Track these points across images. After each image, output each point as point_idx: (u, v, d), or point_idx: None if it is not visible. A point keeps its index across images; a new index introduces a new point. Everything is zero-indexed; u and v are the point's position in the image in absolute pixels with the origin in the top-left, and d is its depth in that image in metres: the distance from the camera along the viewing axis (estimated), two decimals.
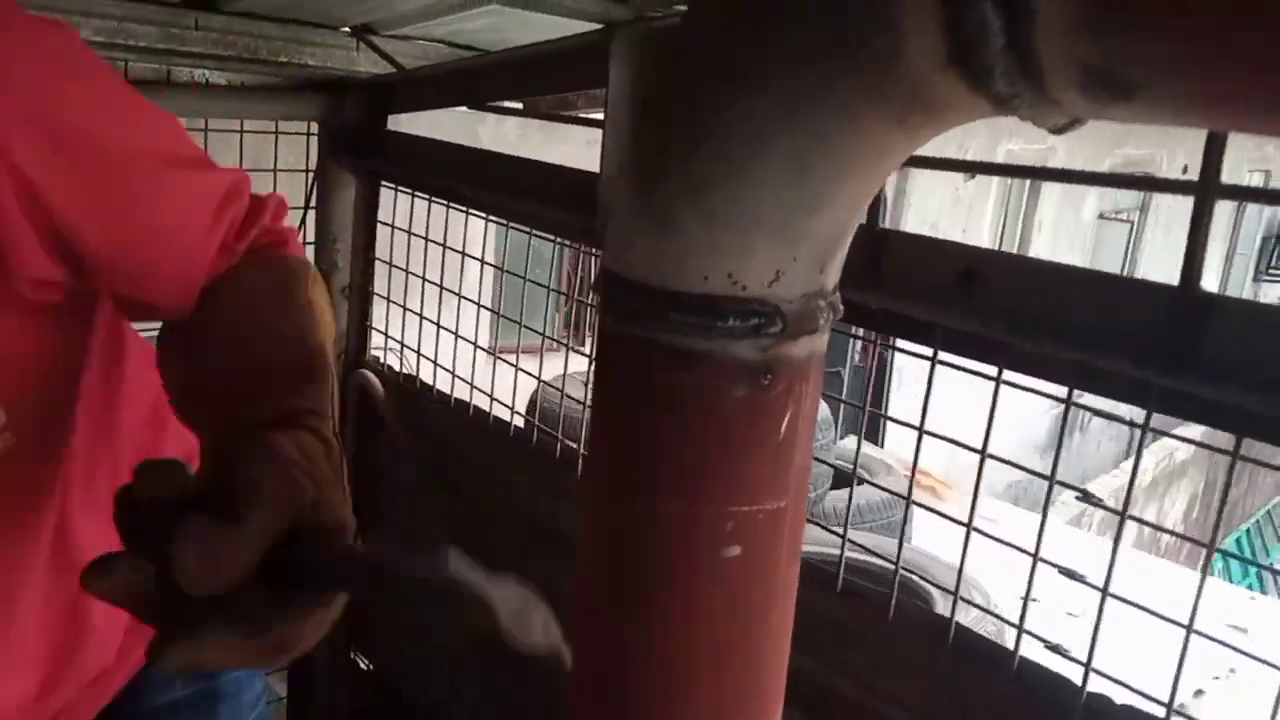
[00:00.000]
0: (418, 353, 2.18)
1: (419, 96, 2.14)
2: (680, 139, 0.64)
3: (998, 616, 1.09)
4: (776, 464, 0.72)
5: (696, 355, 0.68)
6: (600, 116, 1.48)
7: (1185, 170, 12.51)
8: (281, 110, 2.30)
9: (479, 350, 2.05)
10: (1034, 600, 1.08)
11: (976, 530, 1.18)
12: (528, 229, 1.77)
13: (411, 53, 2.28)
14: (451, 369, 2.07)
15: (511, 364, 1.92)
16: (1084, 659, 1.04)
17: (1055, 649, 1.05)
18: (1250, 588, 8.43)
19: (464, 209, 1.95)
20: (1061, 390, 1.07)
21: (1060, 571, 1.05)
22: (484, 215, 1.91)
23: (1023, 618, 1.08)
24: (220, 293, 0.93)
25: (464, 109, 2.19)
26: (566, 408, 1.81)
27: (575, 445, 1.75)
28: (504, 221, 1.84)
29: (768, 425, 0.70)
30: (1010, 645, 1.14)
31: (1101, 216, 11.94)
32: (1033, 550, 1.09)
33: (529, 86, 1.78)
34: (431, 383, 2.15)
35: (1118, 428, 12.38)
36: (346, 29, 2.22)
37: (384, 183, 2.27)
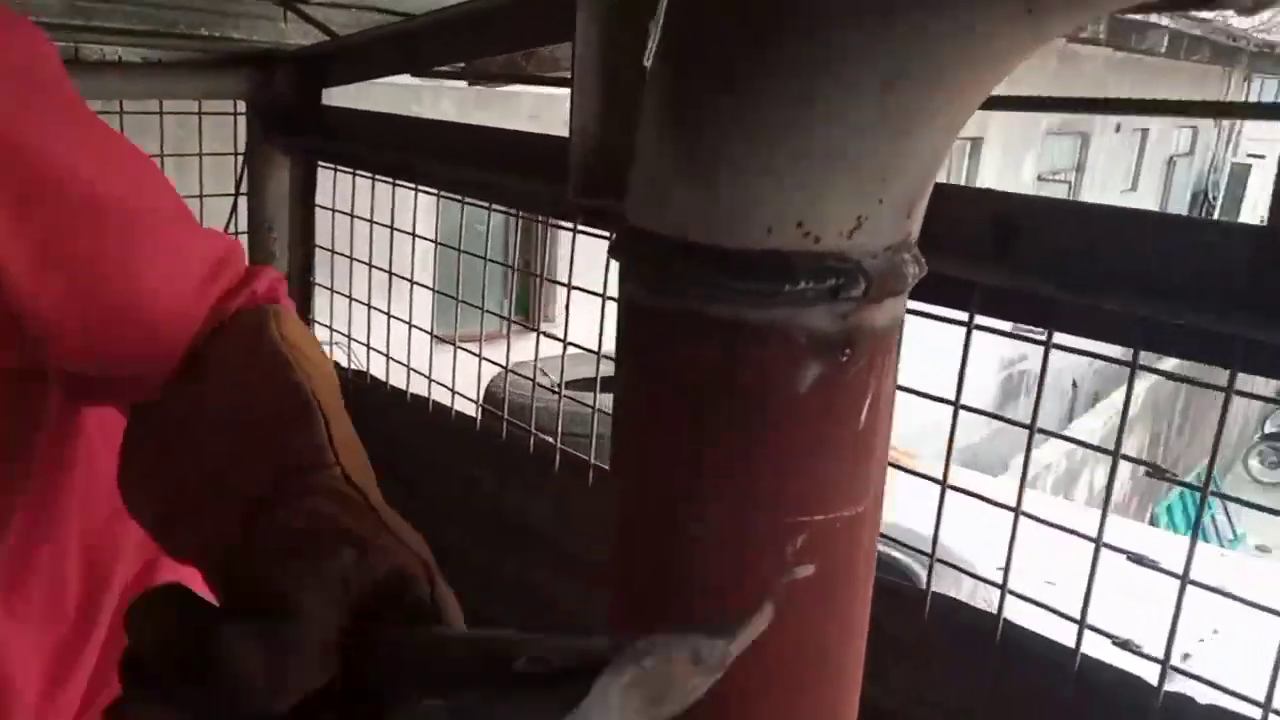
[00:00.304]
0: (367, 346, 2.01)
1: (356, 67, 1.96)
2: (737, 56, 0.50)
3: (1022, 597, 0.97)
4: (857, 458, 0.58)
5: (757, 329, 0.54)
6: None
7: (1119, 128, 12.66)
8: (204, 88, 2.11)
9: (434, 339, 1.89)
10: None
11: (982, 498, 1.07)
12: (486, 204, 1.61)
13: (345, 21, 2.10)
14: (406, 362, 1.91)
15: (469, 351, 1.77)
16: (1153, 654, 0.93)
17: (1125, 645, 0.93)
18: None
19: (411, 186, 1.78)
20: (1116, 351, 0.95)
21: (1130, 558, 0.93)
22: (434, 191, 1.75)
23: (1084, 612, 0.96)
24: (203, 368, 0.74)
25: (397, 86, 2.02)
26: (534, 395, 1.66)
27: (549, 439, 1.61)
28: (458, 198, 1.68)
29: (846, 411, 0.56)
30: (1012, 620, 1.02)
31: (1040, 178, 12.01)
32: (1018, 511, 0.98)
33: (481, 45, 1.62)
34: (384, 378, 1.99)
35: (1062, 387, 12.51)
36: None
37: (321, 163, 2.09)
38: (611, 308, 1.45)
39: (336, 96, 2.11)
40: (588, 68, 1.31)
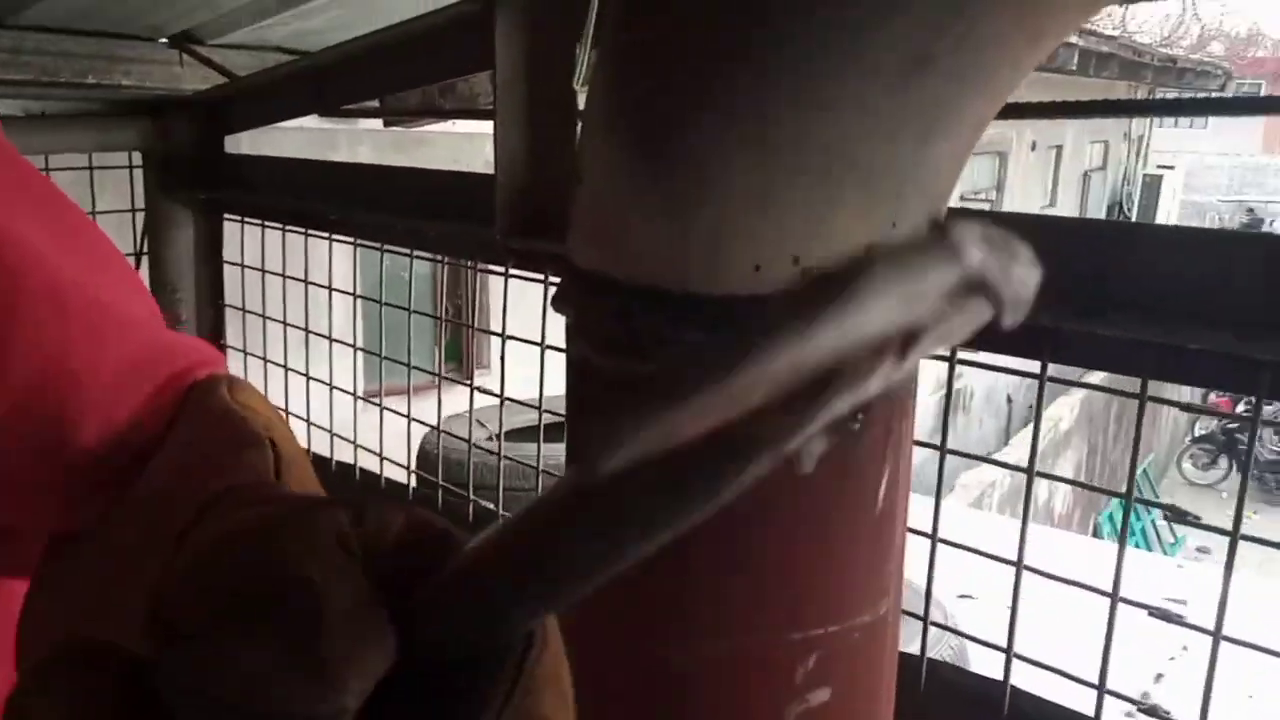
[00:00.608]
0: (285, 411, 1.85)
1: (259, 110, 1.82)
2: (718, 57, 0.38)
3: (1030, 661, 0.87)
4: (875, 550, 0.46)
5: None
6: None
7: (1034, 146, 12.90)
8: (95, 141, 1.95)
9: (358, 400, 1.74)
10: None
11: (982, 553, 0.96)
12: (408, 251, 1.48)
13: (246, 63, 1.96)
14: (329, 426, 1.75)
15: (398, 413, 1.63)
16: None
17: (1152, 712, 0.82)
18: (1136, 546, 8.60)
19: (326, 236, 1.64)
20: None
21: (1151, 614, 0.83)
22: (351, 240, 1.61)
23: (1103, 675, 0.85)
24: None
25: (310, 130, 1.88)
26: (470, 453, 1.52)
27: (490, 505, 1.47)
28: (377, 245, 1.54)
29: (860, 492, 0.44)
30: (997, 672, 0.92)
31: (962, 198, 12.18)
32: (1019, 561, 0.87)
33: (393, 79, 1.49)
34: (306, 445, 1.83)
35: (997, 404, 12.62)
36: (164, 39, 1.89)
37: (227, 216, 1.94)
38: (554, 356, 1.33)
39: (244, 145, 1.96)
40: (511, 96, 1.19)
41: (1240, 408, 9.15)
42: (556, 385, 1.39)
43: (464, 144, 4.23)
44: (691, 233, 0.40)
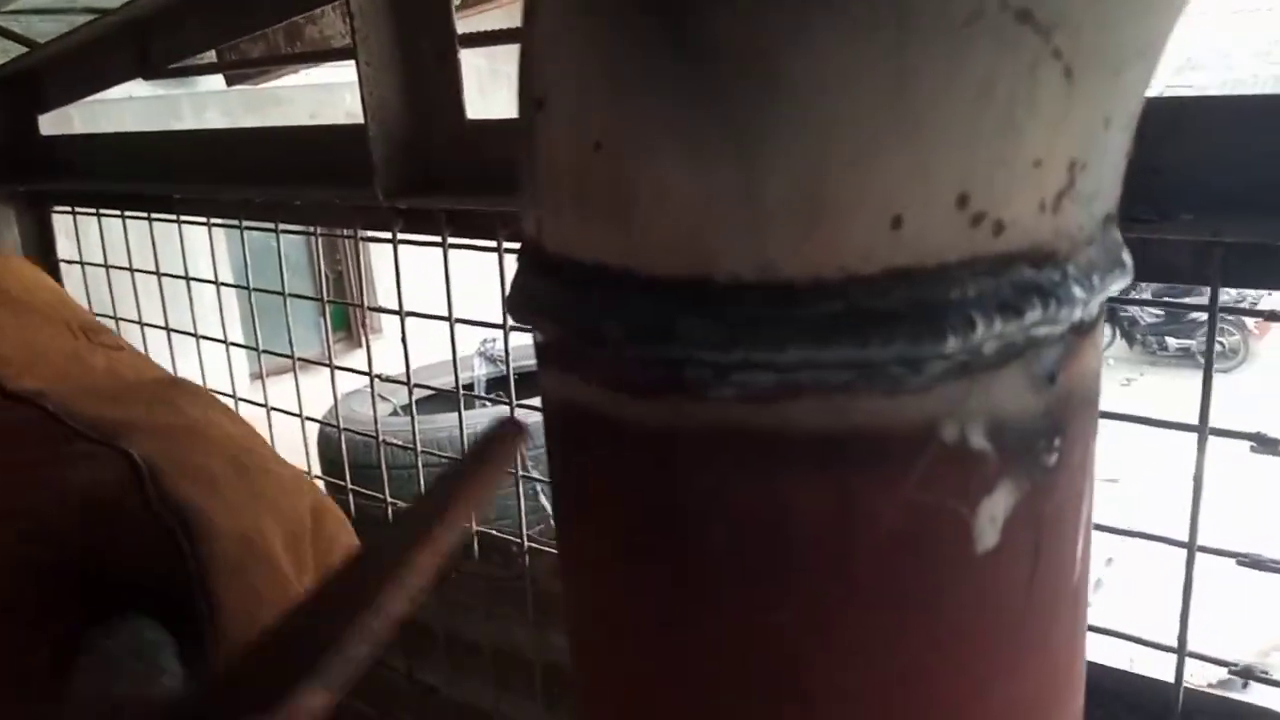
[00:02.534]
0: None
1: (74, 81, 1.55)
2: None
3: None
4: (1075, 631, 0.30)
5: (879, 444, 0.24)
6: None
7: None
8: None
9: (239, 402, 1.52)
10: None
11: None
12: (271, 225, 1.26)
13: (50, 29, 1.68)
14: None
15: (288, 412, 1.41)
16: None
17: (1246, 673, 0.70)
18: None
19: (173, 218, 1.40)
20: None
21: (1241, 562, 0.69)
22: (204, 221, 1.37)
23: (1183, 637, 0.72)
24: None
25: (146, 100, 1.62)
26: (382, 455, 1.33)
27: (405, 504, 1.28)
28: (235, 223, 1.31)
29: (1058, 557, 0.28)
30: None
31: None
32: None
33: (226, 26, 1.25)
34: None
35: None
36: None
37: (56, 208, 1.67)
38: (473, 304, 1.14)
39: (77, 125, 1.69)
40: (372, 28, 0.98)
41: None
42: (447, 349, 1.20)
43: (322, 96, 3.90)
44: (772, 176, 0.22)
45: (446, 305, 1.11)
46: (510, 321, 1.08)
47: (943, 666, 0.26)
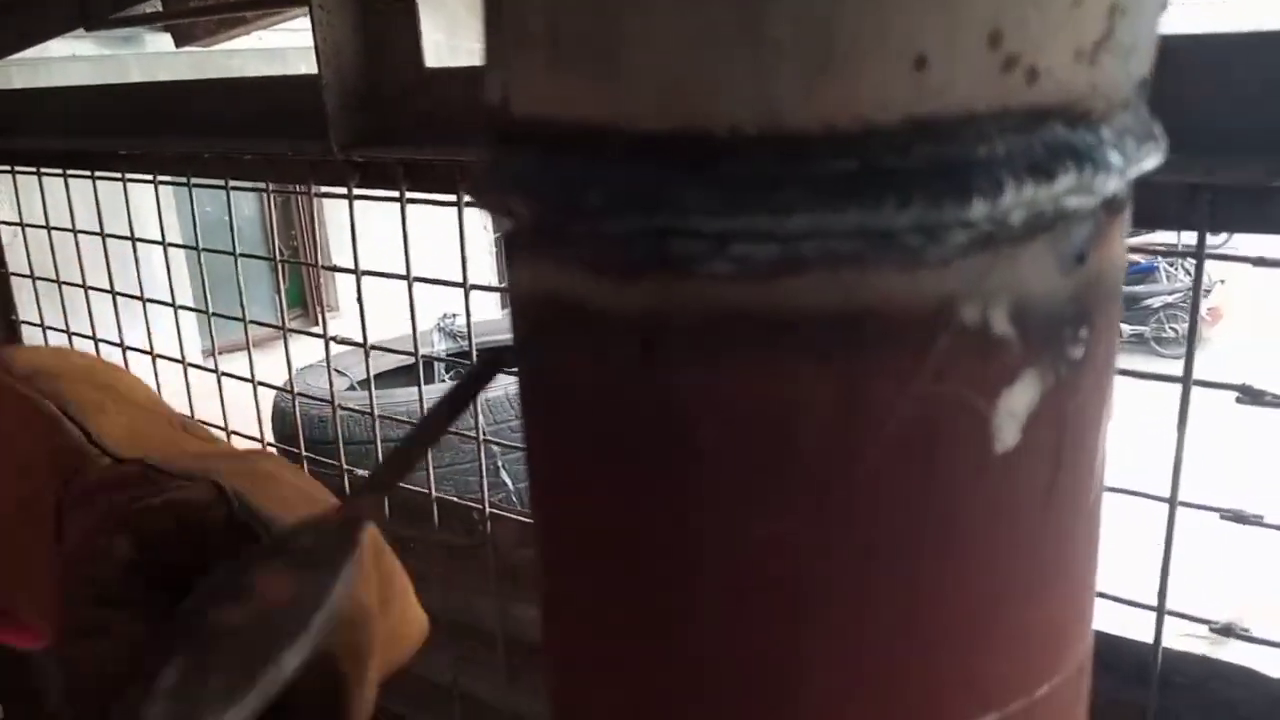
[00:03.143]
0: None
1: (15, 31, 1.48)
2: None
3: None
4: (1091, 553, 0.27)
5: (892, 326, 0.21)
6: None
7: None
8: None
9: (189, 368, 1.47)
10: None
11: None
12: (220, 182, 1.21)
13: None
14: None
15: (240, 378, 1.37)
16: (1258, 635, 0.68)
17: (1227, 631, 0.68)
18: None
19: (118, 176, 1.35)
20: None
21: (1225, 516, 0.68)
22: (150, 178, 1.32)
23: (1162, 596, 0.71)
24: None
25: (95, 63, 1.56)
26: (341, 430, 1.29)
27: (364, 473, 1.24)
28: (183, 180, 1.26)
29: (1080, 465, 0.25)
30: None
31: None
32: None
33: None
34: None
35: None
36: None
37: None
38: (398, 290, 1.10)
39: (4, 81, 1.62)
40: None
41: None
42: (405, 325, 1.16)
43: (274, 61, 3.81)
44: (777, 7, 0.19)
45: (405, 265, 1.07)
46: (470, 282, 1.05)
47: (955, 580, 0.24)
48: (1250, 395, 0.63)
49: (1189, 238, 0.68)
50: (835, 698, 0.25)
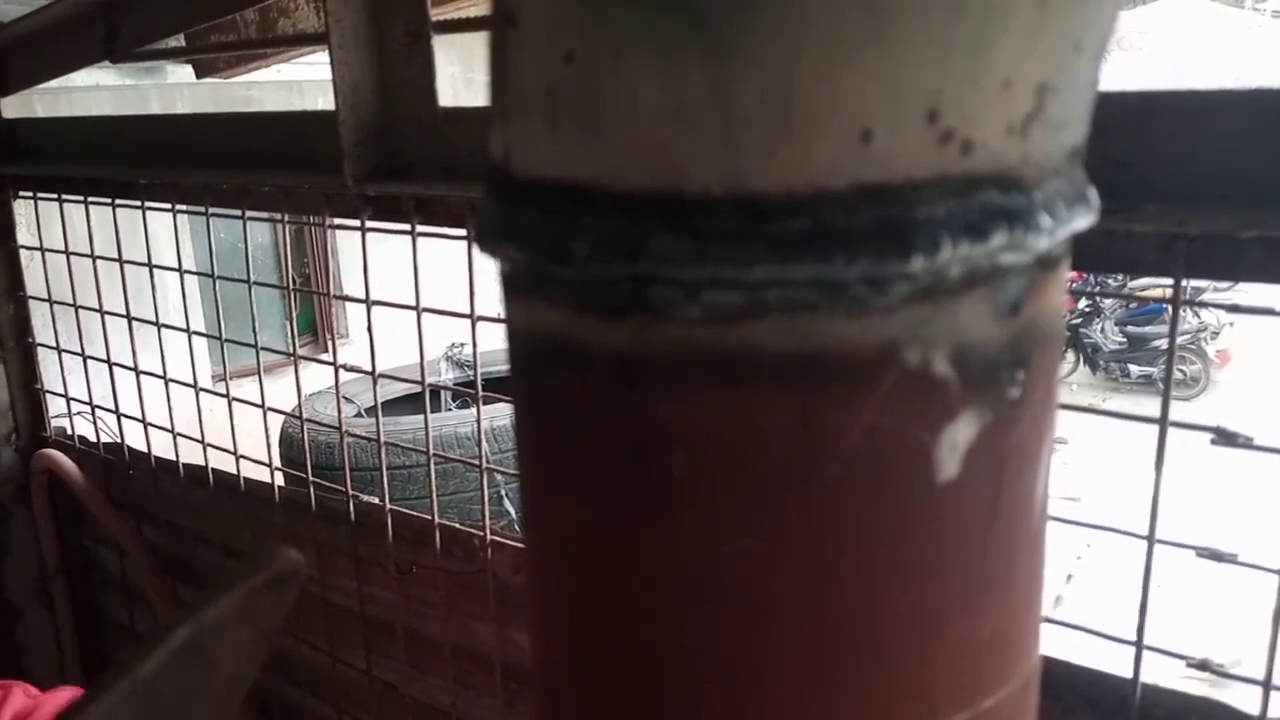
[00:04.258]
0: (117, 412, 1.60)
1: (40, 62, 1.53)
2: None
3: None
4: (1034, 574, 0.30)
5: (858, 363, 0.24)
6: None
7: None
8: None
9: (200, 392, 1.50)
10: None
11: None
12: (238, 212, 1.24)
13: (14, 10, 1.66)
14: (170, 426, 1.51)
15: (251, 403, 1.40)
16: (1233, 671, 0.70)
17: (1204, 666, 0.70)
18: None
19: (138, 204, 1.39)
20: None
21: (1201, 554, 0.70)
22: (168, 207, 1.36)
23: (1141, 630, 0.73)
24: None
25: (117, 92, 1.60)
26: (344, 448, 1.31)
27: (375, 500, 1.27)
28: (200, 210, 1.30)
29: (1022, 494, 0.28)
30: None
31: None
32: None
33: (197, 9, 1.24)
34: (146, 447, 1.58)
35: None
36: None
37: (19, 193, 1.65)
38: (451, 304, 1.13)
39: (28, 109, 1.67)
40: (346, 9, 0.97)
41: (1082, 304, 9.48)
42: (413, 354, 1.19)
43: (293, 94, 3.88)
44: (743, 85, 0.22)
45: (415, 296, 1.10)
46: (478, 313, 1.08)
47: (903, 595, 0.26)
48: (1224, 438, 0.66)
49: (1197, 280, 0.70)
50: (797, 699, 0.27)
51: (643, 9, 0.23)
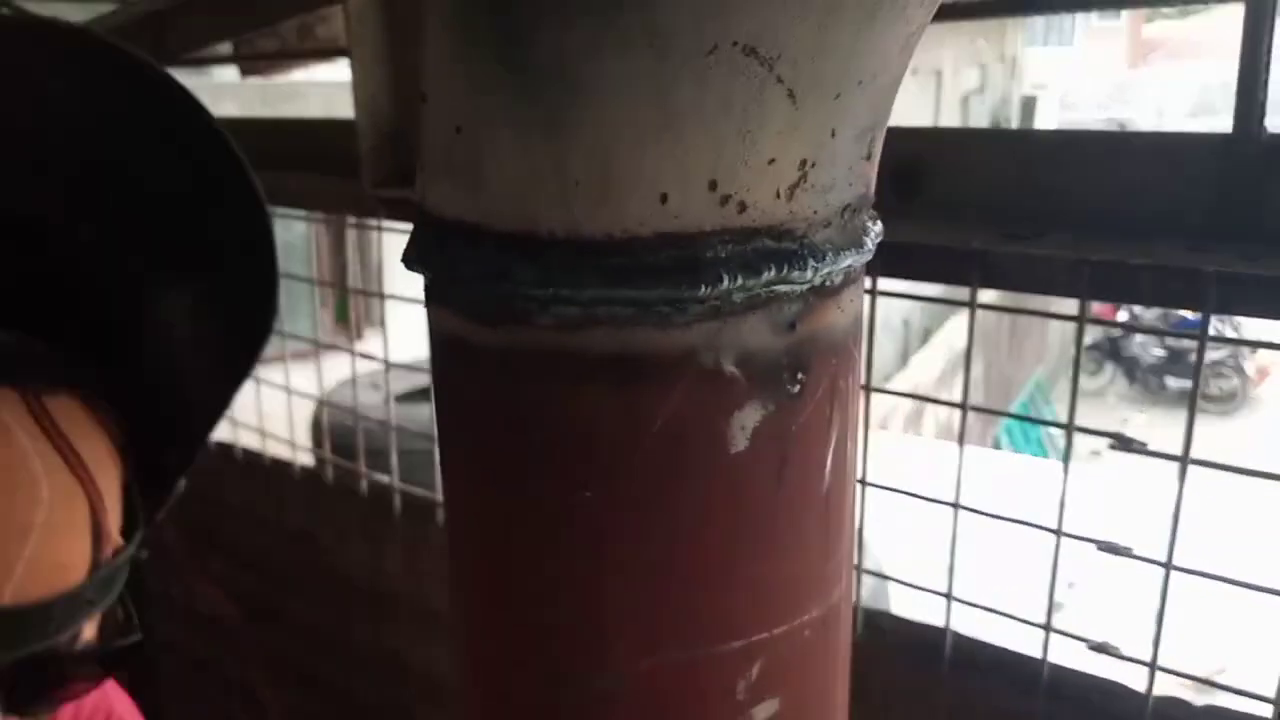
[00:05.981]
0: None
1: None
2: None
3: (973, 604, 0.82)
4: (825, 533, 0.38)
5: (660, 364, 0.33)
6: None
7: (915, 71, 12.96)
8: None
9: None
10: None
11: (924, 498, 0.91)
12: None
13: (75, 16, 1.77)
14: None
15: (276, 385, 1.50)
16: (1126, 653, 0.78)
17: (1102, 649, 0.78)
18: (1034, 454, 8.83)
19: None
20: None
21: (1100, 547, 0.77)
22: None
23: (1049, 617, 0.80)
24: None
25: None
26: (359, 430, 1.41)
27: (384, 478, 1.36)
28: None
29: (805, 468, 0.36)
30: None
31: None
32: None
33: (240, 20, 1.34)
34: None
35: (894, 328, 12.80)
36: None
37: None
38: None
39: None
40: (365, 27, 1.07)
41: (1122, 315, 9.44)
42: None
43: (337, 94, 3.99)
44: (574, 157, 0.31)
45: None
46: None
47: (705, 539, 0.35)
48: (1122, 443, 0.73)
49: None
50: (630, 620, 0.36)
51: (502, 95, 0.31)
